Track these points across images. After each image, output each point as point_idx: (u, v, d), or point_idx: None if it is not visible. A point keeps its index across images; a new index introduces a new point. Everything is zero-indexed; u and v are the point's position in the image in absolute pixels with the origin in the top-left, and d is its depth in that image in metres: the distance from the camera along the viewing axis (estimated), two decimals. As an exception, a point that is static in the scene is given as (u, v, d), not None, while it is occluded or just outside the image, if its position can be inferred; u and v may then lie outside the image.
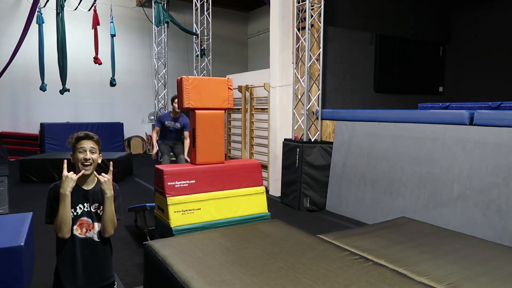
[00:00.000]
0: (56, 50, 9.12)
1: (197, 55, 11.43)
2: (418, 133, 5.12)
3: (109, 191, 2.09)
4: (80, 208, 2.09)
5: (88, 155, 2.08)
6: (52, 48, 9.58)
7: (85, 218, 2.10)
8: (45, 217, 2.08)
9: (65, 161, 2.07)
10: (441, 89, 9.83)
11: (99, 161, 2.15)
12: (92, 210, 2.13)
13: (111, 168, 2.15)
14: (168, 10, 11.75)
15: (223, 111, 4.22)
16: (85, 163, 2.08)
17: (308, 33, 6.42)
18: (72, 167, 2.11)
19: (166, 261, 2.70)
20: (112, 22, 10.71)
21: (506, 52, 8.74)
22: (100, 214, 2.13)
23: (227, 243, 3.07)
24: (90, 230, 2.11)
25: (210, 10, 11.21)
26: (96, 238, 2.14)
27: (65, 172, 2.02)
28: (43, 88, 9.48)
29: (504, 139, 4.14)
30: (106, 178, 2.10)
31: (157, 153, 6.55)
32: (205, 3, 11.17)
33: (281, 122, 7.28)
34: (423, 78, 9.33)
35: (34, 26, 9.50)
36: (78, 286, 2.10)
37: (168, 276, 2.58)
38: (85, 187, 2.12)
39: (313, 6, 6.49)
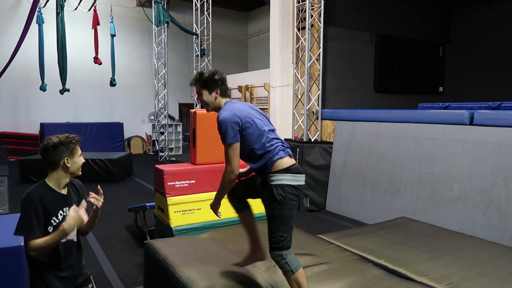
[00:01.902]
0: (56, 50, 9.11)
1: (197, 55, 11.43)
2: (418, 133, 5.11)
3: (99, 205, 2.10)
4: (61, 214, 2.02)
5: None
6: (52, 48, 9.58)
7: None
8: (22, 229, 1.87)
9: (84, 202, 1.98)
10: (441, 89, 9.83)
11: None
12: None
13: (101, 191, 2.13)
14: (168, 10, 11.75)
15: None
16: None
17: (308, 33, 6.42)
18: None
19: (166, 261, 2.70)
20: (112, 22, 10.70)
21: (506, 52, 8.73)
22: None
23: (227, 243, 3.07)
24: (70, 233, 2.04)
25: (210, 10, 11.21)
26: (75, 239, 2.11)
27: (81, 212, 1.90)
28: (43, 88, 9.48)
29: (504, 139, 4.14)
30: (100, 202, 2.09)
31: None
32: (205, 3, 11.17)
33: (281, 122, 7.28)
34: (423, 78, 9.32)
35: (34, 26, 9.50)
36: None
37: (169, 276, 2.58)
38: (63, 192, 2.06)
39: (313, 6, 6.49)
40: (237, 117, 2.26)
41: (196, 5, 11.03)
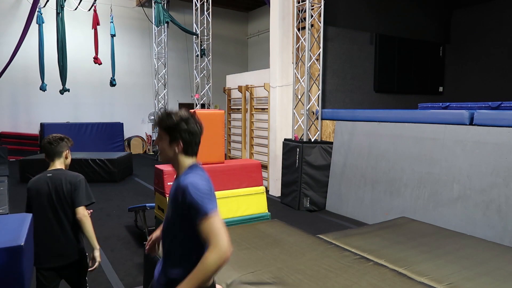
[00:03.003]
0: (56, 50, 9.12)
1: (197, 55, 11.42)
2: (418, 133, 5.11)
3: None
4: None
5: None
6: (52, 48, 9.58)
7: None
8: (88, 199, 2.46)
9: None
10: (441, 89, 9.83)
11: None
12: None
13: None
14: (168, 10, 11.75)
15: (222, 111, 4.23)
16: None
17: (308, 33, 6.42)
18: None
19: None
20: (112, 22, 10.71)
21: (506, 52, 8.74)
22: None
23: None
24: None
25: (210, 10, 11.21)
26: None
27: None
28: (43, 88, 9.48)
29: (504, 139, 4.14)
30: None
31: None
32: (205, 3, 11.16)
33: (281, 122, 7.28)
34: (423, 78, 9.33)
35: (34, 26, 9.49)
36: None
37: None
38: None
39: (313, 6, 6.49)
40: (213, 191, 1.66)
41: (196, 5, 11.02)
